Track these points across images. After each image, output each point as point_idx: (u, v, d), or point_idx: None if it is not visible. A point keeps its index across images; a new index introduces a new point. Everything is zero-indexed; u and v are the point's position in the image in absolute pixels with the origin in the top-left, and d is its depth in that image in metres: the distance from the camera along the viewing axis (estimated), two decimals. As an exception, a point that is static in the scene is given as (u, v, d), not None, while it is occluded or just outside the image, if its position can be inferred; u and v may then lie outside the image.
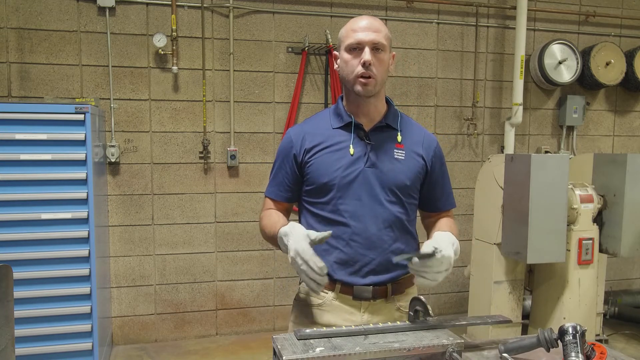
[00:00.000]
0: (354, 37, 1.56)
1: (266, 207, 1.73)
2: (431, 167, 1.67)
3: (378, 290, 1.61)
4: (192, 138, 3.81)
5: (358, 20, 1.59)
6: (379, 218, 1.59)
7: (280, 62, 3.94)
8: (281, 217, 1.65)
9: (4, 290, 1.37)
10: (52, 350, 2.97)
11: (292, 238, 1.42)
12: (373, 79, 1.55)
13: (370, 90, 1.57)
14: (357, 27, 1.57)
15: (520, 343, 1.31)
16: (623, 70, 4.47)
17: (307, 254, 1.37)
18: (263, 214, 1.72)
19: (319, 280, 1.37)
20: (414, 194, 1.65)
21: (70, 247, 2.99)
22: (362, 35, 1.55)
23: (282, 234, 1.47)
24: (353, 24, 1.59)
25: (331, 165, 1.59)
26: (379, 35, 1.55)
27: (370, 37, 1.54)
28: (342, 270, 1.60)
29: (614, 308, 4.24)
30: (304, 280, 1.40)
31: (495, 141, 4.46)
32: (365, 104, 1.62)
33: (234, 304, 4.00)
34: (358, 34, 1.55)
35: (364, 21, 1.57)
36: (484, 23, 4.34)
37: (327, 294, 1.64)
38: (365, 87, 1.56)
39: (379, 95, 1.63)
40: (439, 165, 1.69)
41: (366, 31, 1.55)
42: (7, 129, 2.86)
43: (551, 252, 3.13)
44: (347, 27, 1.60)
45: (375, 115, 1.64)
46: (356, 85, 1.57)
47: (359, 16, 1.63)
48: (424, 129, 1.73)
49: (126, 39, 3.65)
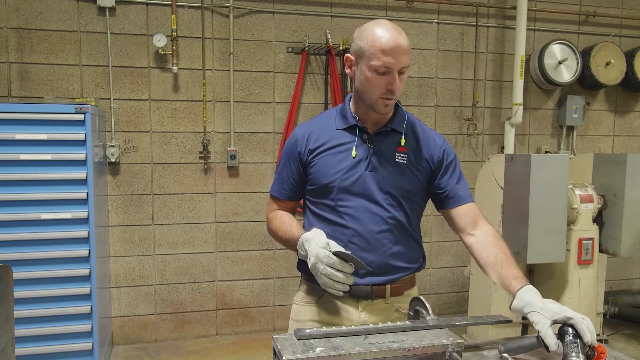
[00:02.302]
0: (384, 60, 1.46)
1: (272, 206, 1.74)
2: (437, 166, 1.64)
3: (377, 290, 1.62)
4: (192, 138, 3.81)
5: (386, 35, 1.46)
6: (379, 220, 1.59)
7: (280, 62, 3.94)
8: (293, 219, 1.66)
9: (4, 290, 1.37)
10: (52, 350, 2.97)
11: (312, 244, 1.43)
12: (393, 99, 1.54)
13: (391, 109, 1.59)
14: (388, 49, 1.45)
15: (520, 343, 1.31)
16: (623, 70, 4.47)
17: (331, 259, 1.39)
18: (272, 215, 1.72)
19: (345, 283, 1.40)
20: (415, 198, 1.64)
21: (70, 247, 2.99)
22: (392, 60, 1.46)
23: (304, 239, 1.47)
24: (382, 41, 1.45)
25: (333, 167, 1.59)
26: (408, 58, 1.48)
27: (402, 63, 1.47)
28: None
29: (614, 308, 4.24)
30: (325, 282, 1.40)
31: (495, 141, 4.46)
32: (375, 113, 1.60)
33: (234, 304, 4.00)
34: (389, 58, 1.45)
35: (393, 40, 1.45)
36: (484, 23, 4.34)
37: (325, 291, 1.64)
38: (386, 108, 1.56)
39: None
40: (447, 163, 1.65)
41: (398, 56, 1.46)
42: (7, 129, 2.86)
43: (551, 252, 3.13)
44: (374, 43, 1.47)
45: (380, 119, 1.63)
46: (377, 105, 1.54)
47: (382, 26, 1.49)
48: (431, 131, 1.71)
49: (126, 39, 3.65)
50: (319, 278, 1.41)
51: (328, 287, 1.41)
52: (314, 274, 1.43)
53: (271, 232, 1.73)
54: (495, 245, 1.58)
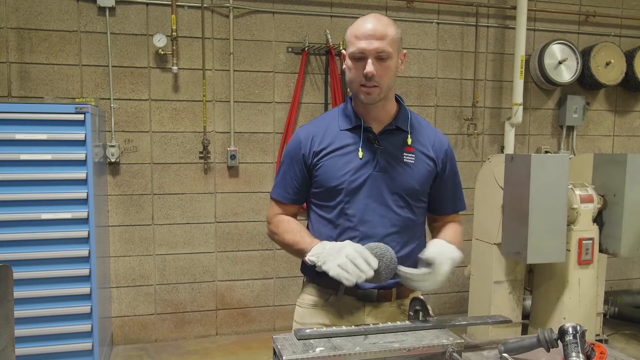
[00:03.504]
0: (357, 45, 1.47)
1: (275, 210, 1.69)
2: (441, 169, 1.63)
3: (382, 293, 1.60)
4: (192, 138, 3.81)
5: (363, 23, 1.49)
6: (387, 223, 1.56)
7: (280, 62, 3.94)
8: (302, 226, 1.62)
9: (4, 290, 1.37)
10: (52, 350, 2.97)
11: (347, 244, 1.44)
12: (377, 87, 1.50)
13: (374, 99, 1.53)
14: (361, 34, 1.47)
15: (520, 343, 1.31)
16: (623, 70, 4.47)
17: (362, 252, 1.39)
18: (276, 219, 1.68)
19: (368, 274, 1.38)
20: (423, 197, 1.62)
21: (70, 247, 2.99)
22: (365, 44, 1.46)
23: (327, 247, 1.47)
24: (357, 28, 1.49)
25: (340, 169, 1.56)
26: (383, 43, 1.46)
27: (374, 46, 1.45)
28: None
29: (614, 308, 4.24)
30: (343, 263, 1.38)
31: (495, 141, 4.46)
32: (373, 108, 1.58)
33: (234, 304, 4.00)
34: (361, 42, 1.46)
35: (369, 25, 1.47)
36: (484, 23, 4.34)
37: (330, 294, 1.63)
38: (368, 97, 1.52)
39: (386, 98, 1.58)
40: (449, 167, 1.65)
41: (369, 39, 1.45)
42: (7, 129, 2.86)
43: (551, 252, 3.13)
44: (351, 31, 1.51)
45: (384, 117, 1.60)
46: (360, 94, 1.53)
47: (364, 17, 1.52)
48: (435, 130, 1.69)
49: (126, 39, 3.65)
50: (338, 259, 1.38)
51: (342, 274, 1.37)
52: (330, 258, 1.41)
53: (274, 237, 1.68)
54: (447, 227, 1.70)
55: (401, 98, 1.67)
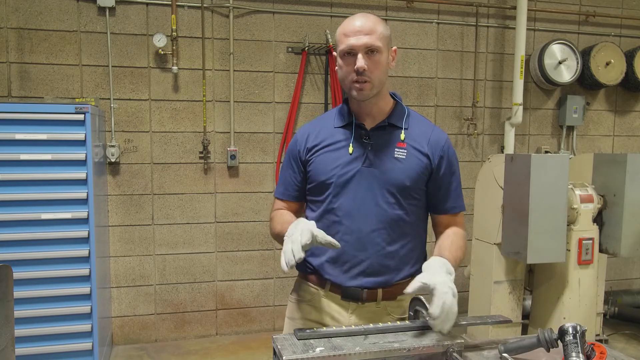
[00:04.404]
0: (346, 42, 1.51)
1: (276, 207, 1.72)
2: (437, 166, 1.60)
3: (368, 293, 1.59)
4: (192, 138, 3.81)
5: (350, 21, 1.53)
6: (374, 219, 1.56)
7: (280, 62, 3.94)
8: (293, 217, 1.62)
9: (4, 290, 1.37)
10: (52, 350, 2.97)
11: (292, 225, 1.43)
12: (369, 83, 1.52)
13: (366, 95, 1.54)
14: (349, 31, 1.51)
15: (520, 343, 1.31)
16: (623, 70, 4.47)
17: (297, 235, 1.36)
18: (274, 213, 1.71)
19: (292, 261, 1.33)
20: (415, 194, 1.60)
21: (70, 247, 2.99)
22: (354, 40, 1.49)
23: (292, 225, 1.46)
24: (345, 26, 1.53)
25: (329, 164, 1.58)
26: (372, 38, 1.49)
27: (362, 41, 1.49)
28: (332, 269, 1.60)
29: (614, 308, 4.24)
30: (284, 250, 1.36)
31: (495, 141, 4.46)
32: (366, 105, 1.59)
33: (234, 304, 4.00)
34: (350, 38, 1.50)
35: (357, 22, 1.51)
36: (484, 23, 4.34)
37: (317, 290, 1.65)
38: (360, 92, 1.53)
39: (380, 95, 1.59)
40: (446, 164, 1.61)
41: (358, 35, 1.49)
42: (7, 129, 2.86)
43: (551, 252, 3.13)
44: (340, 30, 1.55)
45: (377, 114, 1.61)
46: (352, 91, 1.55)
47: (352, 16, 1.56)
48: (433, 126, 1.67)
49: (126, 39, 3.65)
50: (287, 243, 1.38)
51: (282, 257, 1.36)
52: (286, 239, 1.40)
53: (272, 232, 1.69)
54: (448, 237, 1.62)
55: (398, 95, 1.69)
